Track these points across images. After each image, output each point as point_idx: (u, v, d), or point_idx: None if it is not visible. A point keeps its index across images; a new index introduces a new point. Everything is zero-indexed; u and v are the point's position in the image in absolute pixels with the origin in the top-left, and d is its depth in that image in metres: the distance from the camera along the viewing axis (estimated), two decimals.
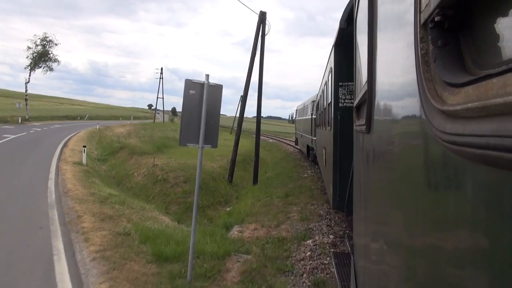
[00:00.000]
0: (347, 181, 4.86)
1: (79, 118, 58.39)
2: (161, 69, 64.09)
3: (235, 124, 54.29)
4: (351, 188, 4.01)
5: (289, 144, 32.07)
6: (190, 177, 16.19)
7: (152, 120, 64.96)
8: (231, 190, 17.25)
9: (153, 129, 37.95)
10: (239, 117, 17.12)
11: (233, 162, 17.14)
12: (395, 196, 1.25)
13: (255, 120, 16.69)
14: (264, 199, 11.28)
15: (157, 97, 63.99)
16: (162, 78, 63.31)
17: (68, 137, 25.59)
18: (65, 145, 20.89)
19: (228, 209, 14.01)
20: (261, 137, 51.32)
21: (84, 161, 15.68)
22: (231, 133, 44.30)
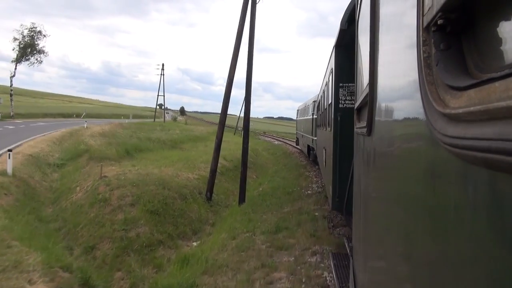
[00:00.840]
0: (346, 182, 4.87)
1: (74, 116, 55.60)
2: (162, 65, 59.47)
3: (240, 124, 50.51)
4: (350, 189, 4.02)
5: (295, 147, 28.40)
6: (143, 197, 11.44)
7: (153, 119, 61.00)
8: (208, 212, 12.62)
9: (140, 129, 31.69)
10: (220, 114, 13.94)
11: (213, 173, 12.99)
12: (395, 199, 1.25)
13: (265, 121, 14.51)
14: (243, 234, 7.63)
15: (158, 95, 59.35)
16: (163, 74, 58.74)
17: (34, 137, 21.35)
18: (18, 146, 16.82)
19: (195, 243, 10.08)
20: (267, 138, 40.72)
21: (9, 170, 11.60)
22: (234, 134, 41.68)
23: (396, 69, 1.26)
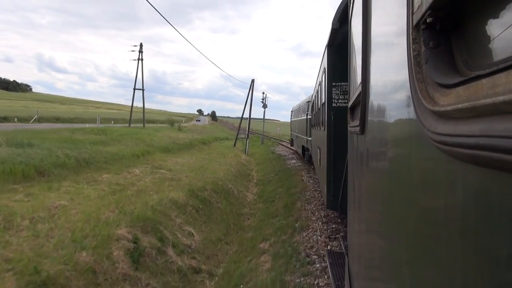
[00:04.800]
0: (341, 180, 4.89)
1: (15, 120, 41.01)
2: (140, 45, 38.89)
3: (245, 126, 32.37)
4: (344, 188, 4.05)
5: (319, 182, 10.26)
6: None
7: (172, 125, 44.64)
8: None
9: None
10: None
11: None
12: (388, 196, 1.26)
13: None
14: None
15: (134, 88, 39.97)
16: (142, 59, 39.15)
17: None
18: None
19: None
20: (284, 152, 26.48)
21: None
22: (235, 145, 28.00)
23: (388, 67, 1.26)
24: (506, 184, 0.45)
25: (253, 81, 29.32)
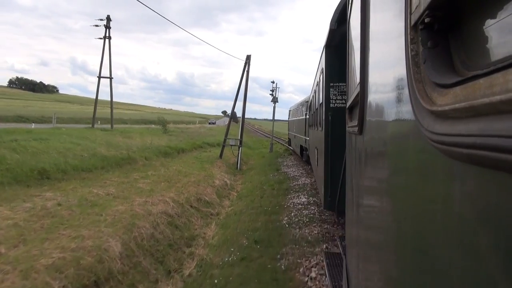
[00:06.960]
0: (338, 181, 4.91)
1: None
2: (107, 18, 30.29)
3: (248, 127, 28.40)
4: (342, 188, 4.06)
5: None
6: None
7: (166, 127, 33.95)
8: None
9: None
10: None
11: None
12: (386, 197, 1.26)
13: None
14: None
15: (99, 76, 30.81)
16: (110, 37, 30.68)
17: None
18: None
19: None
20: (287, 169, 15.64)
21: None
22: (221, 156, 19.95)
23: (386, 67, 1.26)
24: (503, 183, 0.45)
25: (248, 57, 20.56)
